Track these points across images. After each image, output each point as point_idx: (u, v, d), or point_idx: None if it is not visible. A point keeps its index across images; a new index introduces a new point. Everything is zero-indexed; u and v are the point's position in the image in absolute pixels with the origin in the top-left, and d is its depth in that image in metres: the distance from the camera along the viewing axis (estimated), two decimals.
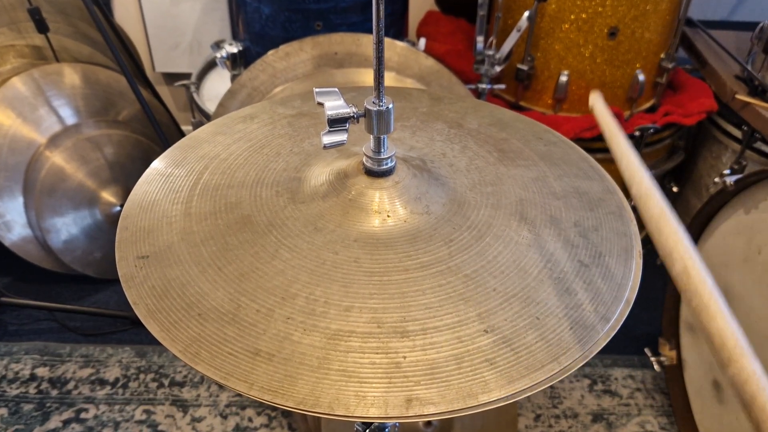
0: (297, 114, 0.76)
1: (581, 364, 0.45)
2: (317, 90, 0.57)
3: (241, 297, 0.50)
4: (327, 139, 0.56)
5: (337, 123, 0.56)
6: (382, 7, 0.51)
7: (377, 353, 0.45)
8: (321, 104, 0.57)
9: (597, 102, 0.58)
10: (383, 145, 0.59)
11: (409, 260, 0.53)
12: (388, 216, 0.57)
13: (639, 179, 0.48)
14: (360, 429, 0.71)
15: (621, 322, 0.49)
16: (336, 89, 0.58)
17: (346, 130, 0.57)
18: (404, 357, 0.45)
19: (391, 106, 0.56)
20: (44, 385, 1.40)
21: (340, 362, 0.45)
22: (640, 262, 0.56)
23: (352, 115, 0.56)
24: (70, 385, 1.40)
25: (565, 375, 0.44)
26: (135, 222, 0.59)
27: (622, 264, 0.55)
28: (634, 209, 0.57)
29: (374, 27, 0.52)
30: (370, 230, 0.56)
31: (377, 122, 0.56)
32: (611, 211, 0.61)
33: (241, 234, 0.56)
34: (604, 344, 0.47)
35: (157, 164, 0.67)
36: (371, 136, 0.58)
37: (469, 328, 0.47)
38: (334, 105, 0.56)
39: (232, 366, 0.45)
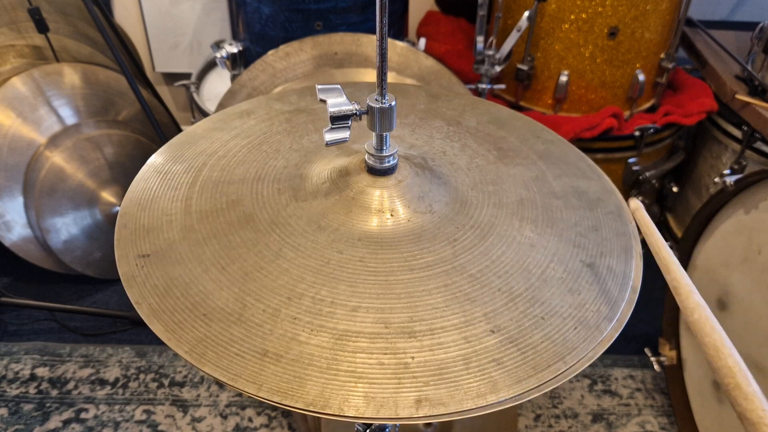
0: (294, 110, 0.75)
1: (587, 364, 0.45)
2: (320, 87, 0.57)
3: (246, 296, 0.50)
4: (329, 136, 0.56)
5: (339, 120, 0.56)
6: (386, 3, 0.51)
7: (385, 354, 0.45)
8: (323, 101, 0.56)
9: (638, 209, 0.56)
10: (385, 142, 0.58)
11: (414, 260, 0.52)
12: (391, 215, 0.57)
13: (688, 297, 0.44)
14: (360, 430, 0.70)
15: (624, 322, 0.50)
16: (338, 86, 0.57)
17: (349, 127, 0.56)
18: (412, 357, 0.45)
19: (393, 103, 0.56)
20: (44, 385, 1.40)
21: (349, 363, 0.44)
22: (641, 262, 0.56)
23: (354, 112, 0.56)
24: (70, 385, 1.40)
25: (572, 375, 0.44)
26: (134, 220, 0.58)
27: (623, 263, 0.55)
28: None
29: (378, 23, 0.52)
30: (373, 229, 0.56)
31: (380, 119, 0.56)
32: (610, 211, 0.61)
33: (244, 232, 0.56)
34: (609, 344, 0.47)
35: (154, 160, 0.66)
36: (373, 134, 0.58)
37: (475, 328, 0.47)
38: (337, 102, 0.56)
39: (240, 367, 0.44)
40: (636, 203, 0.54)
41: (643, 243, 0.58)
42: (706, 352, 0.39)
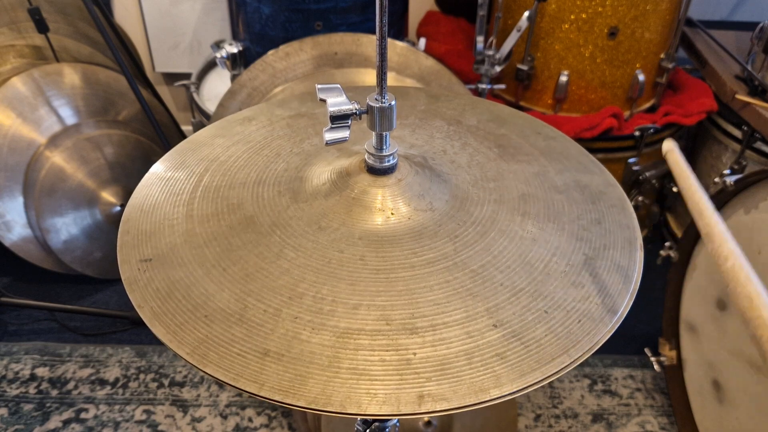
0: (295, 115, 0.75)
1: (589, 355, 0.45)
2: (319, 86, 0.57)
3: (247, 297, 0.50)
4: (329, 136, 0.56)
5: (339, 119, 0.56)
6: (386, 3, 0.51)
7: (387, 350, 0.45)
8: (323, 101, 0.56)
9: (671, 151, 0.54)
10: (385, 142, 0.59)
11: (414, 257, 0.53)
12: (392, 213, 0.57)
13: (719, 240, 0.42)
14: (360, 429, 0.70)
15: (626, 313, 0.50)
16: (338, 85, 0.58)
17: (349, 126, 0.56)
18: (414, 354, 0.45)
19: (393, 102, 0.56)
20: (44, 385, 1.40)
21: (350, 360, 0.44)
22: (642, 254, 0.56)
23: (354, 111, 0.56)
24: (70, 385, 1.40)
25: (575, 366, 0.45)
26: (136, 226, 0.58)
27: (626, 256, 0.55)
28: (636, 207, 0.57)
29: (377, 23, 0.52)
30: (374, 228, 0.56)
31: (379, 119, 0.56)
32: (613, 204, 0.61)
33: (245, 234, 0.56)
34: (611, 335, 0.48)
35: (157, 168, 0.66)
36: (373, 133, 0.58)
37: (477, 323, 0.47)
38: (337, 101, 0.56)
39: (242, 367, 0.44)
40: (670, 143, 0.51)
41: (644, 240, 0.58)
42: (739, 303, 0.37)
